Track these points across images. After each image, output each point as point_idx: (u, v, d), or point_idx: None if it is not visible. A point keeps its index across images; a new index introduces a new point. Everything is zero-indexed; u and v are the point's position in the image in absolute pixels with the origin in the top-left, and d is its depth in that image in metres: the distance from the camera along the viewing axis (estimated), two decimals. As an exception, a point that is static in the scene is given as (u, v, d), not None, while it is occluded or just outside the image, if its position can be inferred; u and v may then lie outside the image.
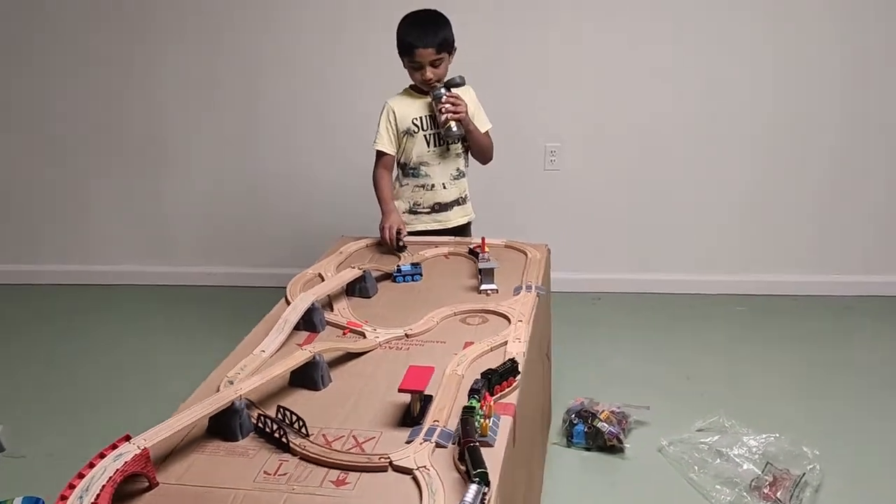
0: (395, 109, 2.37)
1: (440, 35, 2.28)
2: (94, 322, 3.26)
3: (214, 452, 1.35)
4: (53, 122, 3.42)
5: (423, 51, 2.26)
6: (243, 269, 3.48)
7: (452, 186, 2.44)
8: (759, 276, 3.35)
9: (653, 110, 3.19)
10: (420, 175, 2.41)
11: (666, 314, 3.21)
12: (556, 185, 3.30)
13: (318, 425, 1.42)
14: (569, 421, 2.35)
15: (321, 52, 3.22)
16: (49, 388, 2.74)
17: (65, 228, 3.57)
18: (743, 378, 2.70)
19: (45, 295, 3.51)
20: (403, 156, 2.41)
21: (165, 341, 3.04)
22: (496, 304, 1.89)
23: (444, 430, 1.36)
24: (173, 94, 3.35)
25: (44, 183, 3.51)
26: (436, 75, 2.31)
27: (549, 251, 2.30)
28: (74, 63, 3.34)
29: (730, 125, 3.20)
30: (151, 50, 3.30)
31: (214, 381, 1.55)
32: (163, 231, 3.54)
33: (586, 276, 3.39)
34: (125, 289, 3.55)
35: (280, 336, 1.71)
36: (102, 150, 3.45)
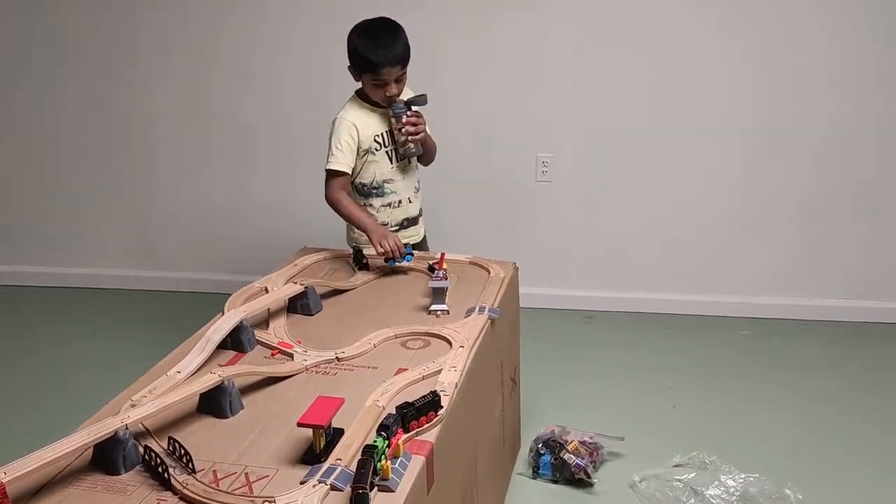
0: (357, 125, 2.17)
1: (403, 49, 2.12)
2: (61, 325, 3.21)
3: (91, 487, 1.23)
4: (44, 125, 3.37)
5: (391, 69, 2.10)
6: (227, 276, 3.38)
7: (416, 199, 2.33)
8: (767, 298, 3.15)
9: (651, 121, 3.02)
10: (385, 193, 2.25)
11: (661, 336, 3.04)
12: (548, 197, 3.15)
13: (213, 459, 1.30)
14: (535, 450, 2.20)
15: (312, 59, 3.12)
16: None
17: (53, 230, 3.52)
18: (733, 410, 2.52)
19: (24, 297, 3.47)
20: (363, 176, 2.23)
21: (136, 347, 2.95)
22: (442, 326, 1.76)
23: (344, 470, 1.23)
24: (164, 99, 3.28)
25: (32, 185, 3.46)
26: (400, 90, 2.16)
27: (517, 269, 2.16)
28: (66, 69, 3.29)
29: (734, 137, 3.02)
30: (144, 55, 3.23)
31: (119, 404, 1.44)
32: (147, 236, 3.47)
33: (579, 293, 3.23)
34: (106, 293, 3.48)
35: (200, 356, 1.59)
36: (91, 153, 3.39)
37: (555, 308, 3.24)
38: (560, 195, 3.14)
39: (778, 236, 3.10)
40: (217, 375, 1.44)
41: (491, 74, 3.05)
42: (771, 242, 3.11)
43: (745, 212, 3.09)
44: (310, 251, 2.24)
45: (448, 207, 3.09)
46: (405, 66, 2.14)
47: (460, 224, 3.16)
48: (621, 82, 3.00)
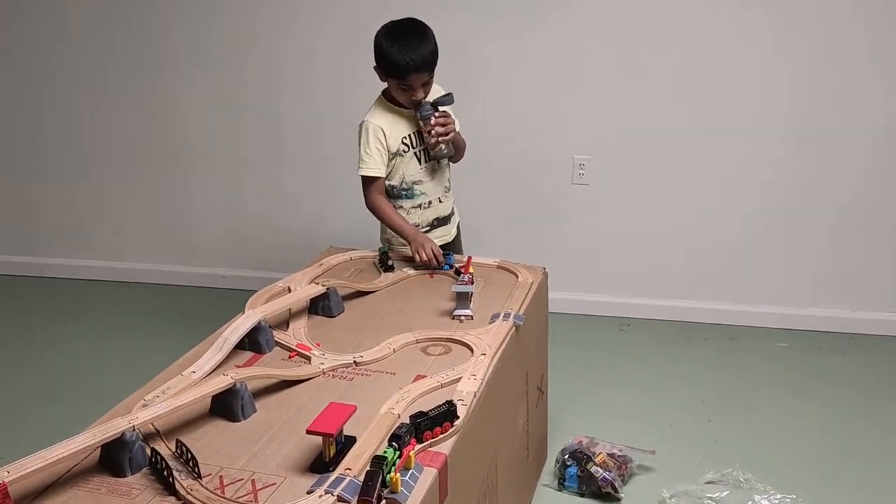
0: (384, 128, 2.14)
1: (431, 53, 2.06)
2: (97, 317, 3.24)
3: (96, 489, 1.21)
4: (85, 124, 3.41)
5: (417, 75, 2.05)
6: (258, 272, 3.38)
7: (446, 199, 2.29)
8: (809, 309, 3.03)
9: (690, 123, 2.93)
10: (415, 195, 2.22)
11: (698, 346, 2.94)
12: (585, 200, 3.07)
13: (221, 463, 1.27)
14: (562, 461, 2.14)
15: (343, 58, 3.09)
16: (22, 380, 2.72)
17: (91, 226, 3.56)
18: (771, 426, 2.42)
19: (63, 288, 3.51)
20: (393, 178, 2.20)
21: (166, 341, 2.95)
22: (464, 332, 1.71)
23: (353, 481, 1.19)
24: (196, 97, 3.28)
25: (75, 181, 3.50)
26: (426, 94, 2.12)
27: (546, 274, 2.09)
28: (106, 67, 3.32)
29: (774, 140, 2.90)
30: (177, 55, 3.24)
31: (132, 403, 1.42)
32: (181, 232, 3.49)
33: (614, 300, 3.15)
34: (139, 286, 3.51)
35: (216, 356, 1.56)
36: (128, 151, 3.42)
37: (589, 314, 3.17)
38: (597, 198, 3.07)
39: (821, 244, 2.98)
40: (229, 378, 1.41)
41: (527, 75, 2.99)
42: (813, 250, 2.99)
43: (786, 218, 2.97)
44: (336, 251, 2.21)
45: (482, 209, 3.03)
46: (432, 71, 2.09)
47: (494, 226, 3.10)
48: (660, 83, 2.91)
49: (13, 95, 3.43)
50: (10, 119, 3.47)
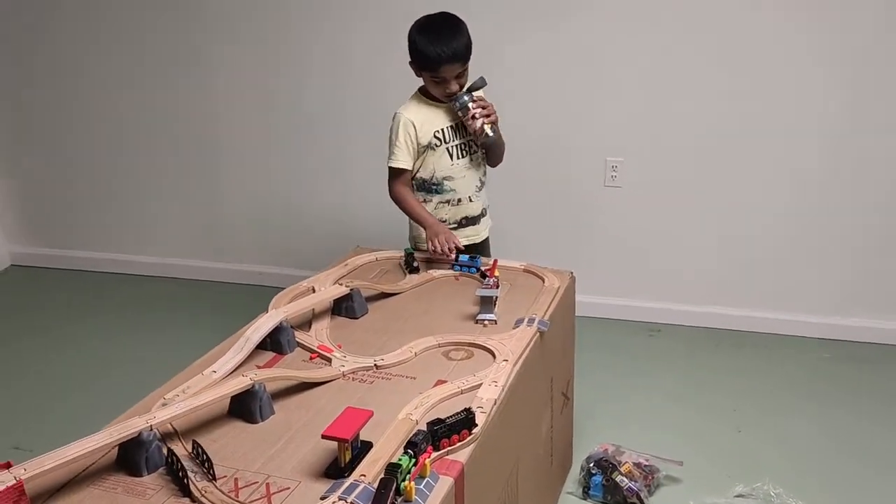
0: (415, 122, 2.15)
1: (464, 45, 2.07)
2: (122, 311, 3.29)
3: (112, 488, 1.21)
4: (117, 119, 3.45)
5: (450, 66, 2.06)
6: (293, 270, 3.38)
7: (477, 199, 2.26)
8: (851, 319, 2.94)
9: (727, 126, 2.86)
10: (444, 190, 2.22)
11: (732, 354, 2.87)
12: (617, 202, 3.02)
13: (237, 465, 1.27)
14: (587, 469, 2.10)
15: (373, 56, 3.08)
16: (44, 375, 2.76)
17: (126, 220, 3.60)
18: (806, 439, 2.35)
19: (100, 282, 3.56)
20: (423, 171, 2.21)
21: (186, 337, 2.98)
22: (487, 337, 1.68)
23: (367, 488, 1.17)
24: (227, 92, 3.30)
25: (110, 177, 3.55)
26: (461, 85, 2.12)
27: (574, 278, 2.06)
28: (132, 67, 3.36)
29: (812, 143, 2.81)
30: (208, 50, 3.26)
31: (151, 402, 1.42)
32: (213, 227, 3.51)
33: (646, 304, 3.09)
34: (168, 281, 3.54)
35: (238, 356, 1.56)
36: (159, 148, 3.45)
37: (619, 319, 3.12)
38: (629, 201, 3.01)
39: (862, 249, 2.88)
40: (248, 379, 1.41)
41: (560, 75, 2.94)
42: (853, 256, 2.89)
43: (826, 223, 2.88)
44: (362, 251, 2.20)
45: (513, 211, 3.00)
46: (466, 63, 2.10)
47: (524, 228, 3.07)
48: (694, 83, 2.84)
49: (47, 91, 3.49)
50: (45, 114, 3.52)
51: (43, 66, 3.46)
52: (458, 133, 2.19)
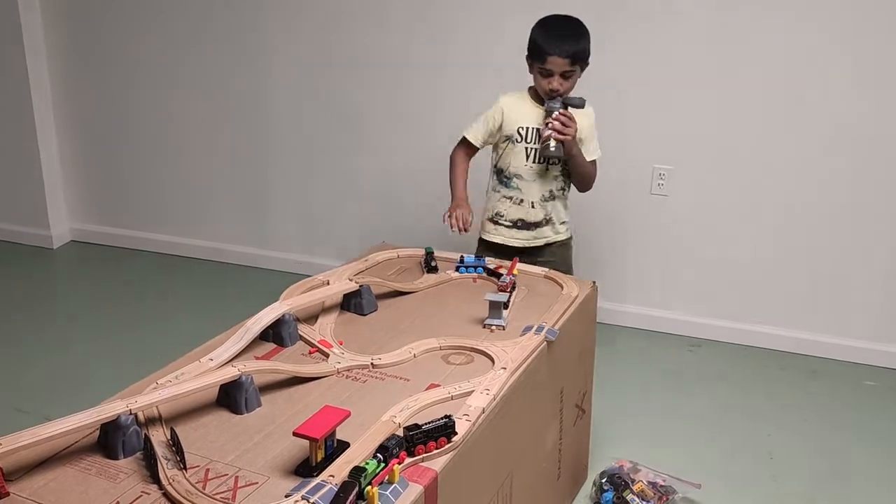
0: (505, 110, 2.22)
1: (578, 45, 2.12)
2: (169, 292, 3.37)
3: (87, 469, 1.23)
4: (177, 106, 3.54)
5: (557, 59, 2.10)
6: (328, 260, 3.41)
7: (540, 207, 2.26)
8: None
9: (781, 136, 2.73)
10: (511, 186, 2.25)
11: (772, 376, 2.75)
12: (663, 211, 2.93)
13: (211, 456, 1.27)
14: (599, 485, 2.04)
15: (428, 49, 3.07)
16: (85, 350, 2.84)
17: (180, 203, 3.69)
18: (841, 471, 2.22)
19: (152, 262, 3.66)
20: (500, 161, 2.27)
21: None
22: (491, 343, 1.64)
23: (333, 489, 1.15)
24: (281, 85, 3.34)
25: (167, 162, 3.65)
26: (564, 88, 2.14)
27: (596, 288, 1.99)
28: (190, 61, 3.44)
29: (874, 161, 2.67)
30: (265, 40, 3.31)
31: (144, 385, 1.44)
32: (259, 215, 3.57)
33: (687, 318, 2.99)
34: (220, 266, 3.61)
35: (236, 346, 1.56)
36: (219, 135, 3.52)
37: (659, 331, 3.02)
38: (675, 210, 2.91)
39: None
40: (236, 370, 1.41)
41: (609, 81, 2.85)
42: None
43: (882, 244, 2.72)
44: (386, 247, 2.18)
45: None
46: (575, 64, 2.12)
47: (582, 238, 2.99)
48: (747, 92, 2.73)
49: (112, 84, 3.60)
50: (109, 100, 3.63)
51: (106, 61, 3.57)
52: (541, 138, 2.18)
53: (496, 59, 2.96)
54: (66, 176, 3.81)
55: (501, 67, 2.98)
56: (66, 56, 3.63)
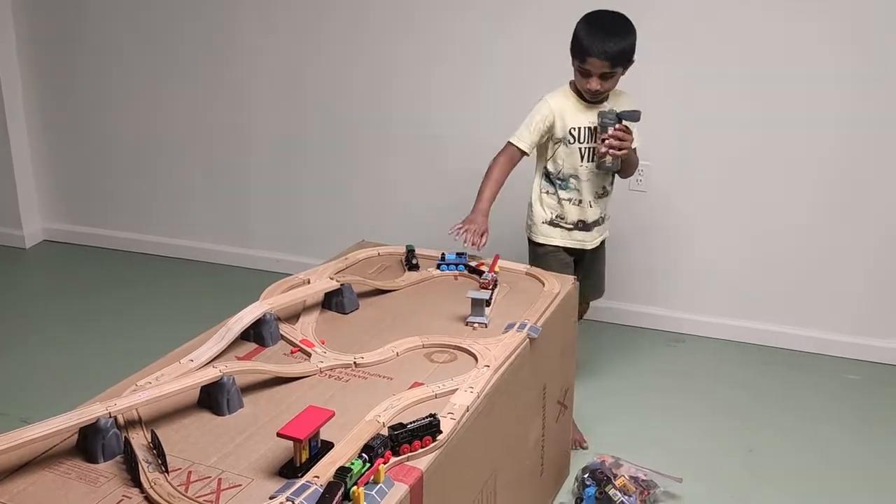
0: (556, 113, 2.14)
1: (620, 46, 2.04)
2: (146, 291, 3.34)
3: (66, 473, 1.21)
4: (151, 102, 3.50)
5: (597, 60, 2.04)
6: (312, 259, 3.39)
7: (597, 205, 2.23)
8: (889, 340, 2.80)
9: (763, 130, 2.75)
10: (568, 188, 2.20)
11: (755, 370, 2.76)
12: (642, 207, 2.94)
13: (193, 459, 1.25)
14: (581, 480, 2.04)
15: (410, 46, 3.06)
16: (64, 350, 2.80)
17: (155, 202, 3.65)
18: (820, 465, 2.24)
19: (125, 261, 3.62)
20: (551, 164, 2.20)
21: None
22: (474, 341, 1.64)
23: (318, 490, 1.14)
24: (260, 81, 3.32)
25: (141, 160, 3.60)
26: (604, 88, 2.09)
27: (577, 284, 1.99)
28: (168, 50, 3.40)
29: (848, 163, 2.69)
30: (241, 38, 3.28)
31: (123, 387, 1.42)
32: (243, 215, 3.53)
33: (669, 313, 3.00)
34: (197, 265, 3.58)
35: (217, 346, 1.55)
36: (195, 134, 3.49)
37: (642, 327, 3.03)
38: (655, 206, 2.93)
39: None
40: (218, 370, 1.39)
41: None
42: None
43: (864, 239, 2.76)
44: (366, 245, 2.17)
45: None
46: (616, 66, 2.06)
47: None
48: (734, 84, 2.74)
49: (85, 82, 3.54)
50: (81, 96, 3.58)
51: (79, 49, 3.52)
52: (595, 136, 2.15)
53: (480, 59, 2.96)
54: (39, 175, 3.76)
55: (484, 66, 3.00)
56: (38, 53, 3.58)
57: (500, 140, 2.23)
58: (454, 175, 3.04)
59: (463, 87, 3.04)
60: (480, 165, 2.22)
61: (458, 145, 3.07)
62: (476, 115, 3.03)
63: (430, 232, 2.36)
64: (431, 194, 3.16)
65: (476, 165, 2.25)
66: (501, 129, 2.24)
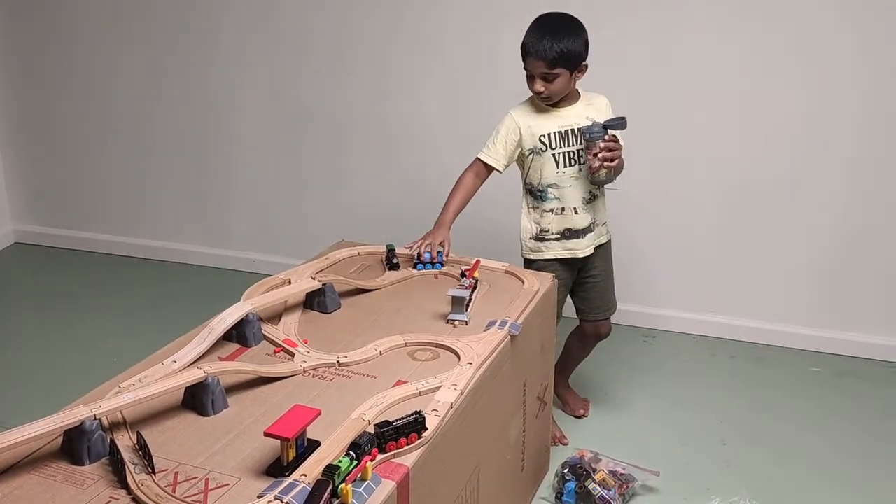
0: (521, 125, 2.09)
1: (558, 47, 1.96)
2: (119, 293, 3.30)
3: (52, 475, 1.21)
4: (122, 102, 3.47)
5: (534, 60, 1.99)
6: (288, 259, 3.38)
7: (585, 211, 2.16)
8: (850, 333, 2.87)
9: (726, 123, 2.81)
10: (548, 198, 2.13)
11: (723, 364, 2.82)
12: (616, 206, 2.96)
13: (180, 459, 1.26)
14: (561, 475, 2.07)
15: (379, 42, 3.07)
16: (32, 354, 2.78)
17: (127, 203, 3.62)
18: (790, 454, 2.29)
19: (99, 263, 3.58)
20: (529, 176, 2.15)
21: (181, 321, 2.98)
22: (456, 338, 1.66)
23: (306, 488, 1.15)
24: (231, 79, 3.31)
25: (113, 160, 3.57)
26: (549, 90, 2.02)
27: (555, 282, 2.02)
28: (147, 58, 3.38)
29: (828, 151, 2.76)
30: (212, 37, 3.27)
31: (106, 389, 1.42)
32: (216, 214, 3.52)
33: (641, 309, 3.04)
34: (171, 266, 3.55)
35: (200, 347, 1.55)
36: (167, 132, 3.46)
37: (614, 323, 3.05)
38: (629, 205, 2.95)
39: (868, 267, 2.82)
40: (202, 371, 1.39)
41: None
42: (858, 271, 2.83)
43: (821, 232, 2.83)
44: (346, 245, 2.18)
45: (511, 213, 2.96)
46: (556, 67, 1.98)
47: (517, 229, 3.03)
48: (689, 82, 2.79)
49: (53, 82, 3.51)
50: (51, 97, 3.54)
51: (50, 50, 3.48)
52: (567, 140, 2.10)
53: (447, 58, 2.98)
54: (9, 176, 3.71)
55: (453, 64, 3.02)
56: (7, 54, 3.53)
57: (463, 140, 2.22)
58: (428, 175, 3.06)
59: (443, 88, 3.06)
60: (456, 165, 2.24)
61: (433, 145, 3.09)
62: (447, 114, 3.05)
63: (406, 231, 2.37)
64: (405, 194, 3.18)
65: (450, 165, 2.27)
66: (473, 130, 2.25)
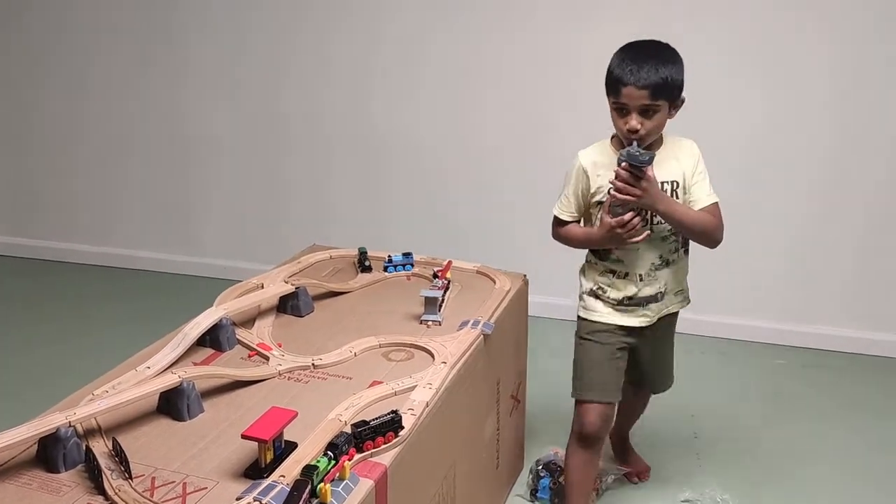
0: (588, 169, 1.76)
1: (661, 73, 1.63)
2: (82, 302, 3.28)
3: (27, 484, 1.20)
4: (84, 108, 3.44)
5: (633, 90, 1.63)
6: (257, 265, 3.37)
7: (652, 278, 1.79)
8: (813, 326, 2.95)
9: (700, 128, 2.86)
10: (609, 259, 1.80)
11: (694, 360, 2.87)
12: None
13: (156, 464, 1.25)
14: (535, 472, 2.10)
15: (356, 50, 3.08)
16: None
17: (92, 211, 3.59)
18: (759, 446, 2.35)
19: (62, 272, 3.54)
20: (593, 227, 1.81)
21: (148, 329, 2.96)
22: (430, 338, 1.67)
23: (284, 489, 1.16)
24: (198, 84, 3.30)
25: (75, 167, 3.54)
26: (645, 128, 1.66)
27: (527, 281, 2.05)
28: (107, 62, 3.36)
29: (793, 148, 2.83)
30: (181, 43, 3.26)
31: (81, 395, 1.41)
32: (185, 221, 3.50)
33: (612, 307, 3.09)
34: (139, 273, 3.53)
35: (174, 353, 1.55)
36: (133, 138, 3.45)
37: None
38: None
39: (832, 260, 2.89)
40: (177, 376, 1.40)
41: (535, 66, 2.94)
42: (822, 265, 2.90)
43: (782, 225, 2.89)
44: (318, 249, 2.19)
45: (499, 214, 3.00)
46: (657, 98, 1.64)
47: (511, 232, 3.07)
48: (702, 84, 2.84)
49: (17, 90, 3.50)
50: (9, 105, 3.50)
51: (9, 59, 3.45)
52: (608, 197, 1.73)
53: (424, 63, 3.01)
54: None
55: (431, 70, 3.04)
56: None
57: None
58: (396, 178, 3.08)
59: (409, 89, 3.08)
60: (425, 167, 2.25)
61: (402, 148, 3.11)
62: (417, 117, 3.07)
63: (377, 237, 2.39)
64: (376, 198, 3.19)
65: (420, 167, 2.29)
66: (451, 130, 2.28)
